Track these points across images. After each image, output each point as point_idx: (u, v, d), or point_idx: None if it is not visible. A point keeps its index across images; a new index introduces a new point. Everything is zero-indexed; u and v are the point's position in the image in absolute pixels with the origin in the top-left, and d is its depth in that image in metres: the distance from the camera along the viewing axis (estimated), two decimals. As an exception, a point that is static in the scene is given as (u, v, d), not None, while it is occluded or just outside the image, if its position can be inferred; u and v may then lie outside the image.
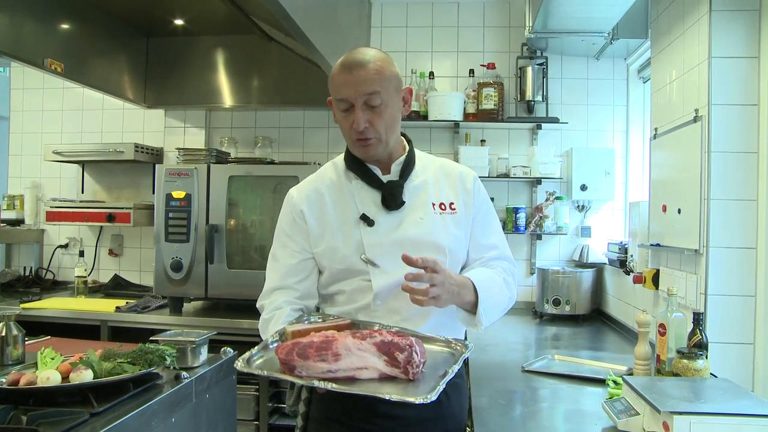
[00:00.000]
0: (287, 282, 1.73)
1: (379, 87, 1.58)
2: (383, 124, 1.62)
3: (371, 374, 1.42)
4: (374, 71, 1.58)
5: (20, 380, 1.69)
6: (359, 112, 1.59)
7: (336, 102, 1.64)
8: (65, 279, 4.40)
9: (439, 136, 4.03)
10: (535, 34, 3.45)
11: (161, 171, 3.58)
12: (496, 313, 1.67)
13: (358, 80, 1.57)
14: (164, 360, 1.91)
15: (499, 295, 1.68)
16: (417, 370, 1.40)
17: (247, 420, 3.31)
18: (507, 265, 1.78)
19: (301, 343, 1.43)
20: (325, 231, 1.71)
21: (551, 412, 1.95)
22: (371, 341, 1.43)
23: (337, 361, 1.41)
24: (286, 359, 1.41)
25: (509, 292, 1.73)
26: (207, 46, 4.11)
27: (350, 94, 1.59)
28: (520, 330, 3.35)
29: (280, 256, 1.76)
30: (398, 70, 1.68)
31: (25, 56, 3.02)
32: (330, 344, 1.42)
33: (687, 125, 2.42)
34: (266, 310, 1.72)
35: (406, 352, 1.40)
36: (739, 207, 2.24)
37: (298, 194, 1.77)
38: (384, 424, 1.64)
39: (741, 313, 2.23)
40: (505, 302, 1.72)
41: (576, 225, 3.92)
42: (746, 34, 2.25)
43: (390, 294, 1.65)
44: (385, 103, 1.61)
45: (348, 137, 1.67)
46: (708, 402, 1.56)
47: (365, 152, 1.67)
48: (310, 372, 1.40)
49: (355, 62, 1.59)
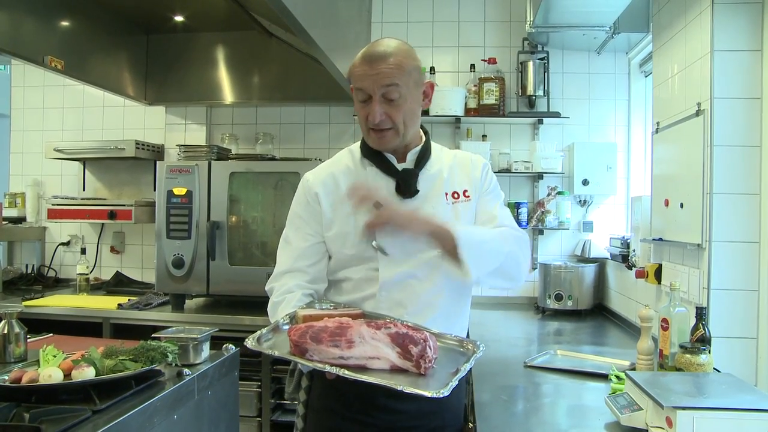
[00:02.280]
0: (299, 265, 1.72)
1: (398, 80, 1.59)
2: (401, 117, 1.63)
3: (382, 365, 1.42)
4: (394, 64, 1.59)
5: (22, 378, 1.69)
6: (376, 105, 1.60)
7: (355, 91, 1.65)
8: (67, 276, 4.40)
9: (440, 132, 4.01)
10: (536, 28, 3.44)
11: (162, 168, 3.58)
12: (487, 261, 1.59)
13: (377, 72, 1.58)
14: (166, 357, 1.90)
15: (489, 243, 1.61)
16: (429, 365, 1.41)
17: (250, 416, 3.32)
18: (509, 230, 1.71)
19: (315, 326, 1.42)
20: (337, 215, 1.71)
21: (554, 407, 1.95)
22: (386, 332, 1.43)
23: (350, 348, 1.40)
24: (299, 341, 1.41)
25: (507, 246, 1.64)
26: (207, 43, 4.10)
27: (368, 86, 1.60)
28: (522, 325, 3.35)
29: (293, 239, 1.76)
30: (420, 63, 1.69)
31: (25, 53, 3.02)
32: (345, 330, 1.42)
33: (689, 119, 2.40)
34: (276, 293, 1.71)
35: (420, 346, 1.41)
36: (742, 201, 2.23)
37: (314, 178, 1.77)
38: (383, 417, 1.64)
39: (744, 307, 2.23)
40: (501, 255, 1.63)
41: (578, 220, 3.91)
42: (749, 27, 2.24)
43: (396, 286, 1.65)
44: (404, 97, 1.61)
45: (364, 127, 1.68)
46: (711, 397, 1.56)
47: (379, 143, 1.68)
48: (321, 356, 1.40)
49: (377, 54, 1.60)
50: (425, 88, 1.71)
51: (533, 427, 1.72)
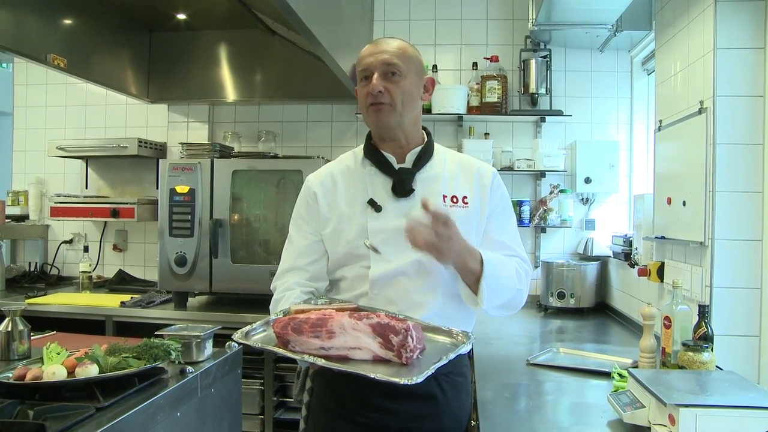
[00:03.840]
0: (299, 263, 1.76)
1: (398, 60, 1.66)
2: (399, 93, 1.66)
3: (365, 355, 1.42)
4: (398, 47, 1.69)
5: (26, 375, 1.69)
6: (378, 79, 1.65)
7: (358, 74, 1.72)
8: (70, 274, 4.42)
9: (442, 130, 4.01)
10: (538, 26, 3.43)
11: (165, 166, 3.59)
12: (500, 295, 1.63)
13: (381, 51, 1.67)
14: (169, 355, 1.91)
15: (507, 279, 1.65)
16: (411, 354, 1.40)
17: (253, 414, 3.32)
18: (521, 263, 1.76)
19: (297, 318, 1.44)
20: (333, 214, 1.73)
21: (556, 405, 1.95)
22: (367, 322, 1.44)
23: (330, 339, 1.41)
24: (281, 333, 1.43)
25: (519, 284, 1.70)
26: (210, 41, 4.10)
27: (371, 62, 1.67)
28: (524, 323, 3.35)
29: (295, 238, 1.80)
30: (423, 61, 1.78)
31: (28, 52, 3.03)
32: (325, 321, 1.43)
33: (692, 117, 2.40)
34: (278, 291, 1.76)
35: (401, 336, 1.40)
36: (745, 199, 2.23)
37: (314, 178, 1.82)
38: (377, 417, 1.63)
39: (747, 305, 2.22)
40: (513, 291, 1.68)
41: (580, 218, 3.91)
42: (752, 25, 2.23)
43: (387, 283, 1.65)
44: (403, 75, 1.67)
45: (363, 105, 1.71)
46: (714, 395, 1.56)
47: (377, 118, 1.69)
48: (303, 347, 1.41)
49: (383, 40, 1.72)
50: (426, 83, 1.76)
51: (536, 425, 1.72)
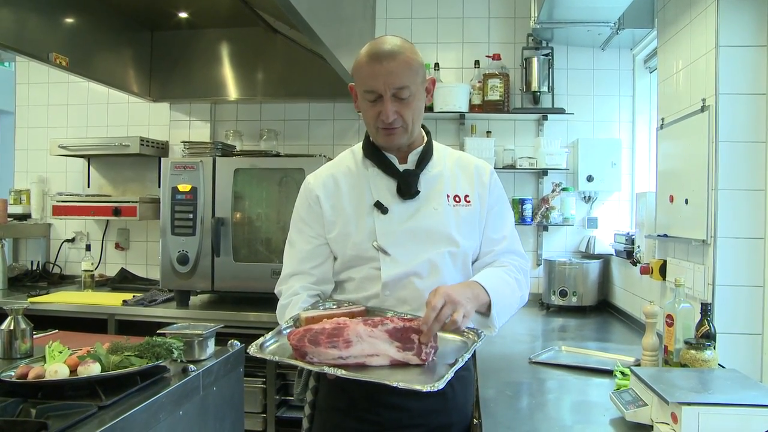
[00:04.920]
0: (303, 267, 1.75)
1: (408, 81, 1.59)
2: (410, 114, 1.63)
3: (382, 361, 1.44)
4: (404, 63, 1.58)
5: (29, 374, 1.70)
6: (388, 104, 1.59)
7: (363, 93, 1.63)
8: (72, 273, 4.42)
9: (444, 128, 4.01)
10: (540, 24, 3.42)
11: (167, 164, 3.59)
12: (508, 313, 1.67)
13: (388, 72, 1.56)
14: (171, 353, 1.91)
15: (511, 296, 1.68)
16: (430, 351, 1.43)
17: (255, 413, 3.33)
18: (517, 261, 1.77)
19: (312, 329, 1.44)
20: (339, 217, 1.72)
21: (558, 403, 1.95)
22: (383, 328, 1.45)
23: (347, 348, 1.43)
24: (298, 345, 1.43)
25: (521, 291, 1.73)
26: (211, 39, 4.10)
27: (379, 86, 1.58)
28: (526, 321, 3.34)
29: (297, 242, 1.78)
30: (422, 59, 1.68)
31: (30, 50, 3.03)
32: (341, 331, 1.44)
33: (694, 115, 2.40)
34: (283, 296, 1.74)
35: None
36: (747, 197, 2.23)
37: (315, 180, 1.78)
38: (389, 415, 1.64)
39: (749, 303, 2.22)
40: (517, 302, 1.72)
41: (582, 216, 3.91)
42: (754, 23, 2.23)
43: (399, 284, 1.65)
44: (414, 95, 1.62)
45: (372, 126, 1.67)
46: (716, 392, 1.56)
47: (390, 141, 1.67)
48: (321, 358, 1.42)
49: (385, 53, 1.58)
50: (428, 85, 1.72)
51: (538, 422, 1.72)
